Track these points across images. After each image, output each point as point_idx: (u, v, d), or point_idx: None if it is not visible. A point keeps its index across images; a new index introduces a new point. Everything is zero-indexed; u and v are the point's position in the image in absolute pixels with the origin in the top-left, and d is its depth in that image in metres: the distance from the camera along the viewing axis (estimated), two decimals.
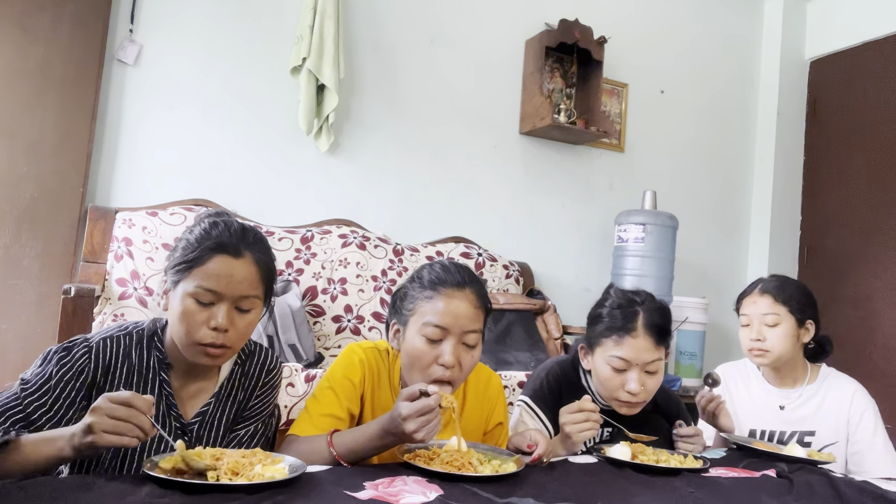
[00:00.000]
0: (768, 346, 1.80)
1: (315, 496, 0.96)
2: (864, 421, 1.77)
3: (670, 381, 3.10)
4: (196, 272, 1.14)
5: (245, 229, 1.22)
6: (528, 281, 3.32)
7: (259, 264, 1.20)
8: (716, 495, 1.16)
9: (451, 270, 1.34)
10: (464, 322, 1.28)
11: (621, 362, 1.48)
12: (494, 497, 1.03)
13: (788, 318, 1.79)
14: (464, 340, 1.29)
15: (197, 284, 1.14)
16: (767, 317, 1.80)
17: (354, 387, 1.33)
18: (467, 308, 1.29)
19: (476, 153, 3.38)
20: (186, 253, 1.16)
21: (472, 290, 1.31)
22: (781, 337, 1.79)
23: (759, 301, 1.83)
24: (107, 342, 1.17)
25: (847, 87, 3.98)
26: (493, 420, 1.49)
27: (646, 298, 1.53)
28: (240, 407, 1.28)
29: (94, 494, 0.89)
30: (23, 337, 2.43)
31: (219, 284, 1.14)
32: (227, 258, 1.16)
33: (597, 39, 3.40)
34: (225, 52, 2.85)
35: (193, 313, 1.14)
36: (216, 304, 1.15)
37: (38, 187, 2.48)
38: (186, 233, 1.21)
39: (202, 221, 1.21)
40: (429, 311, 1.29)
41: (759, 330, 1.81)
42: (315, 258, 2.78)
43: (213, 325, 1.14)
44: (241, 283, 1.16)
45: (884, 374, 3.50)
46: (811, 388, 1.84)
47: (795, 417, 1.83)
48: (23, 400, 1.09)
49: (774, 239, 4.06)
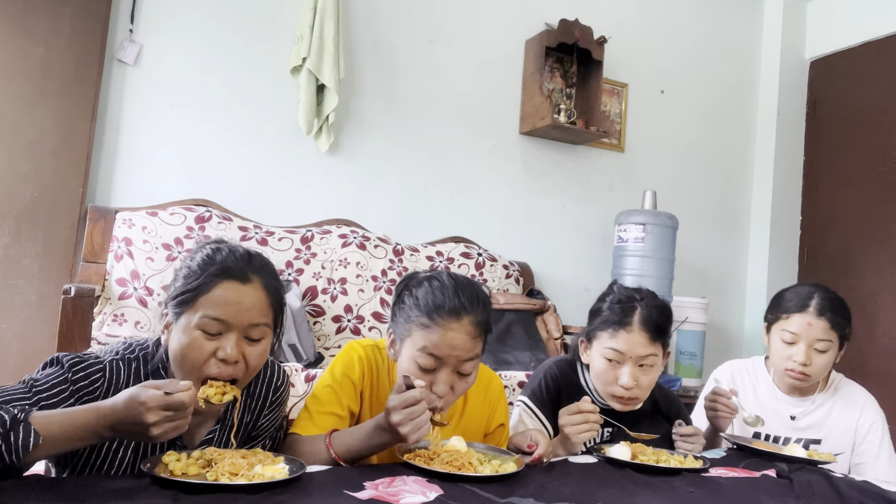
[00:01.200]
0: (811, 372, 1.71)
1: (315, 496, 0.96)
2: (872, 433, 1.74)
3: (670, 381, 3.10)
4: (201, 301, 1.06)
5: (250, 253, 1.14)
6: (528, 281, 3.32)
7: (268, 290, 1.12)
8: (716, 495, 1.16)
9: (450, 294, 1.25)
10: (460, 353, 1.23)
11: (615, 354, 1.49)
12: (494, 497, 1.02)
13: (836, 344, 1.71)
14: (459, 370, 1.25)
15: (202, 314, 1.06)
16: (820, 343, 1.69)
17: (354, 385, 1.32)
18: (464, 340, 1.23)
19: (476, 153, 3.38)
20: (189, 281, 1.08)
21: (470, 318, 1.24)
22: (827, 363, 1.71)
23: (816, 324, 1.69)
24: (120, 365, 1.10)
25: (847, 87, 3.98)
26: (494, 422, 1.48)
27: (646, 295, 1.54)
28: (247, 429, 1.23)
29: (94, 494, 0.89)
30: (23, 337, 2.43)
31: (226, 313, 1.06)
32: (235, 284, 1.08)
33: (597, 39, 3.40)
34: (225, 52, 2.85)
35: (200, 346, 1.06)
36: (224, 335, 1.07)
37: (38, 187, 2.48)
38: (186, 260, 1.13)
39: (203, 248, 1.14)
40: (423, 339, 1.23)
41: (808, 354, 1.69)
42: (315, 258, 2.78)
43: (221, 357, 1.06)
44: (251, 311, 1.08)
45: (884, 375, 3.50)
46: (822, 397, 1.80)
47: (803, 425, 1.79)
48: (33, 395, 1.01)
49: (774, 239, 4.06)
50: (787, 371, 1.73)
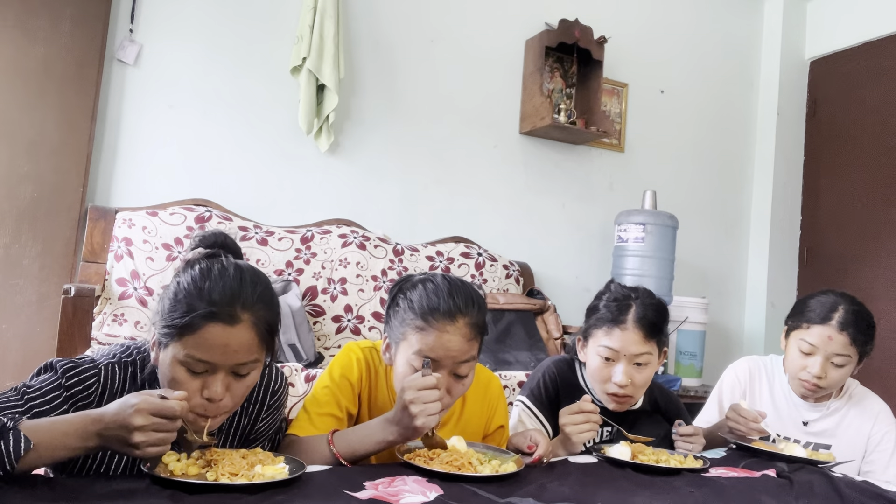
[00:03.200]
0: (825, 384, 1.69)
1: (315, 496, 0.96)
2: (885, 443, 1.72)
3: (670, 381, 3.10)
4: (187, 339, 1.02)
5: (242, 281, 1.06)
6: (528, 281, 3.32)
7: (258, 326, 1.05)
8: (716, 495, 1.16)
9: (444, 296, 1.23)
10: (456, 355, 1.23)
11: (609, 352, 1.49)
12: (494, 497, 1.02)
13: (854, 360, 1.67)
14: (455, 371, 1.25)
15: (187, 354, 1.01)
16: (838, 357, 1.66)
17: (352, 386, 1.32)
18: (459, 342, 1.22)
19: (476, 153, 3.38)
20: (174, 316, 1.02)
21: (465, 320, 1.23)
22: (843, 377, 1.70)
23: (837, 338, 1.65)
24: (115, 368, 1.08)
25: (847, 87, 3.98)
26: (494, 423, 1.47)
27: (641, 294, 1.55)
28: (244, 434, 1.22)
29: (94, 494, 0.89)
30: (23, 337, 2.43)
31: (212, 356, 1.02)
32: (222, 327, 1.02)
33: (597, 39, 3.40)
34: (225, 52, 2.85)
35: (185, 382, 1.02)
36: (210, 374, 1.04)
37: (38, 187, 2.48)
38: (175, 278, 1.08)
39: (193, 266, 1.07)
40: (418, 341, 1.22)
41: (824, 367, 1.67)
42: (315, 258, 2.78)
43: (206, 396, 1.03)
44: (238, 353, 1.04)
45: (884, 375, 3.50)
46: (836, 403, 1.78)
47: (815, 430, 1.77)
48: (25, 402, 1.00)
49: (774, 239, 4.06)
50: (802, 381, 1.71)
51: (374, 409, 1.34)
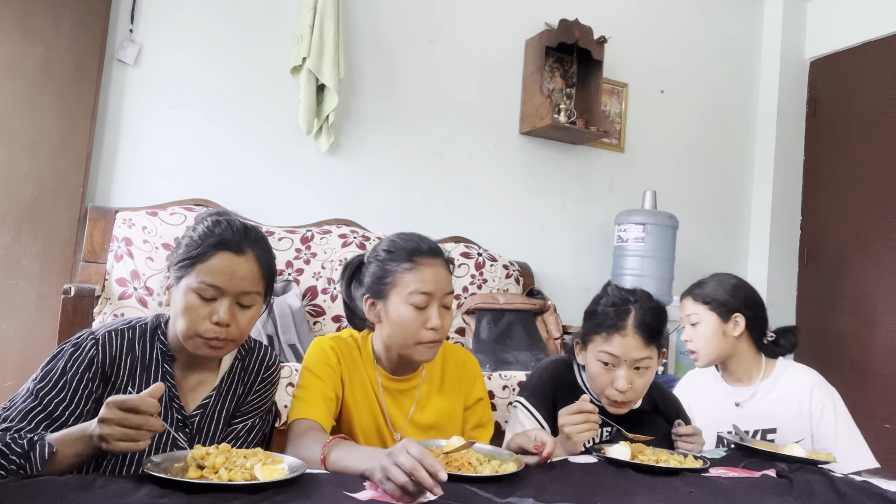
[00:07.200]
0: (694, 347, 1.83)
1: (315, 496, 0.96)
2: (825, 416, 1.73)
3: (670, 381, 3.10)
4: (199, 268, 1.17)
5: (247, 228, 1.24)
6: (528, 281, 3.32)
7: (261, 262, 1.22)
8: (716, 495, 1.16)
9: (417, 240, 1.42)
10: (444, 286, 1.39)
11: (610, 358, 1.49)
12: (494, 497, 1.03)
13: (709, 316, 1.79)
14: (443, 303, 1.39)
15: (200, 280, 1.16)
16: (690, 317, 1.83)
17: (333, 369, 1.39)
18: (444, 273, 1.41)
19: (476, 153, 3.38)
20: (190, 250, 1.18)
21: (442, 257, 1.43)
22: (704, 336, 1.80)
23: (683, 304, 1.87)
24: (113, 335, 1.20)
25: (847, 87, 3.98)
26: (473, 395, 1.54)
27: (640, 297, 1.53)
28: (239, 401, 1.30)
29: (94, 494, 0.89)
30: (23, 337, 2.43)
31: (221, 280, 1.17)
32: (230, 255, 1.18)
33: (597, 39, 3.40)
34: (225, 52, 2.85)
35: (196, 308, 1.16)
36: (218, 300, 1.17)
37: (38, 187, 2.48)
38: (189, 230, 1.23)
39: (205, 220, 1.24)
40: (411, 280, 1.36)
41: (686, 331, 1.84)
42: (315, 258, 2.78)
43: (215, 320, 1.16)
44: (243, 280, 1.19)
45: (884, 375, 3.50)
46: (767, 384, 1.80)
47: (754, 415, 1.79)
48: (41, 399, 1.11)
49: (774, 239, 4.06)
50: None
51: (357, 390, 1.41)
